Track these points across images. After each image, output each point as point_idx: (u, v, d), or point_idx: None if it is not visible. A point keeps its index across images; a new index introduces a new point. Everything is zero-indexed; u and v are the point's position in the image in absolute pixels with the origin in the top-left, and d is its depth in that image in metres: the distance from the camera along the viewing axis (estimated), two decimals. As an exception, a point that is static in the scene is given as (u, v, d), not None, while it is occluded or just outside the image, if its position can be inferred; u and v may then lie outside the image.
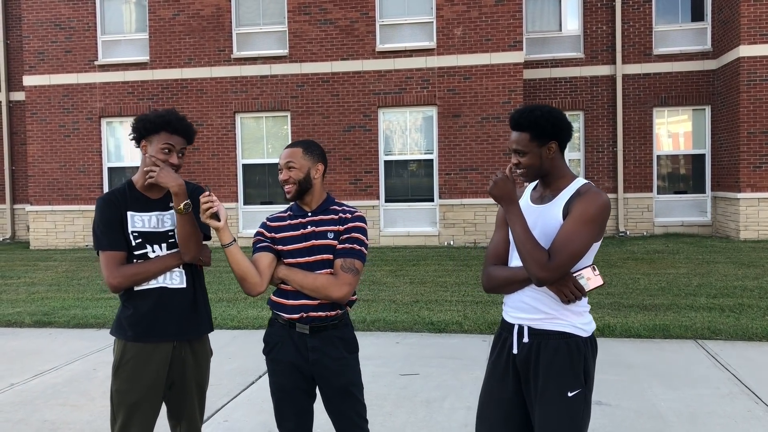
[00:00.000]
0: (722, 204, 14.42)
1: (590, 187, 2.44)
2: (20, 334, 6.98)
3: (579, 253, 2.34)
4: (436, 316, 7.16)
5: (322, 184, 2.88)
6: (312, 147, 2.85)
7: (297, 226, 2.82)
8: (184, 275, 2.83)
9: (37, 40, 15.43)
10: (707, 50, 14.86)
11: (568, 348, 2.41)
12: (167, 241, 2.82)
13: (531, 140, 2.46)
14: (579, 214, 2.35)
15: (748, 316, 6.83)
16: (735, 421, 4.19)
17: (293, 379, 2.78)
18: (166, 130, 2.76)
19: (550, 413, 2.38)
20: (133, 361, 2.77)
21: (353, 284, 2.71)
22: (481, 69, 13.92)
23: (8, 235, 17.39)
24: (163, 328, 2.78)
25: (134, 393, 2.75)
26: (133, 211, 2.81)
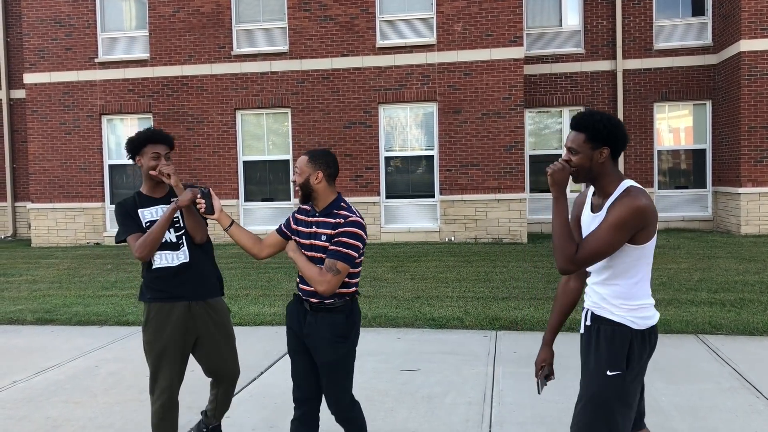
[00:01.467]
0: (723, 199, 14.42)
1: (630, 191, 2.55)
2: (22, 332, 6.99)
3: (602, 252, 2.52)
4: (437, 311, 7.17)
5: (329, 189, 3.19)
6: (317, 156, 3.19)
7: (308, 224, 3.23)
8: (187, 252, 3.56)
9: (37, 38, 15.42)
10: (708, 45, 14.84)
11: (614, 334, 2.62)
12: (174, 225, 3.57)
13: (585, 141, 2.61)
14: (611, 216, 2.52)
15: (749, 310, 6.84)
16: (736, 416, 4.20)
17: (295, 345, 3.28)
18: (150, 142, 3.52)
19: (588, 385, 2.63)
20: (156, 317, 3.50)
21: (332, 282, 3.06)
22: (482, 65, 13.90)
23: (10, 233, 17.41)
24: (176, 291, 3.51)
25: (159, 342, 3.47)
26: (142, 208, 3.58)
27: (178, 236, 3.59)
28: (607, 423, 2.57)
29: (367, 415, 4.34)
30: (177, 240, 3.58)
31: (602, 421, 2.58)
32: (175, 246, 3.56)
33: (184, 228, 3.59)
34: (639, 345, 2.62)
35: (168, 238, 3.56)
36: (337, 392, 3.17)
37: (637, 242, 2.56)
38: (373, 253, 12.40)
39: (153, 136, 3.53)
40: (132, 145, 3.52)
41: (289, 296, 8.26)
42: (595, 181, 2.66)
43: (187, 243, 3.57)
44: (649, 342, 2.64)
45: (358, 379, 5.09)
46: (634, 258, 2.59)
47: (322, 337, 3.13)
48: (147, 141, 3.50)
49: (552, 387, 4.77)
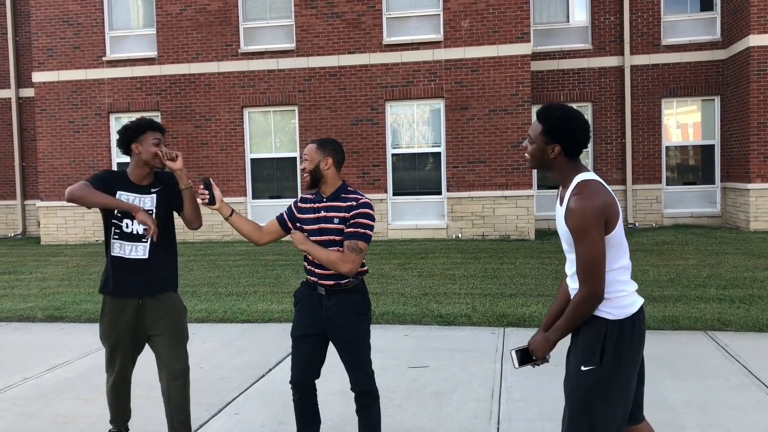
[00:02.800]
0: (732, 195, 14.35)
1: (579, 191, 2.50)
2: (32, 329, 7.04)
3: (600, 259, 2.48)
4: (444, 308, 7.17)
5: (337, 175, 3.36)
6: (325, 143, 3.36)
7: (316, 210, 3.35)
8: (148, 249, 3.59)
9: (45, 37, 15.49)
10: (716, 40, 14.75)
11: (587, 328, 2.59)
12: None
13: (541, 133, 2.61)
14: (575, 232, 2.49)
15: (759, 307, 6.81)
16: (745, 412, 4.19)
17: (307, 329, 3.38)
18: (150, 129, 3.57)
19: (566, 382, 2.64)
20: (110, 312, 3.63)
21: (356, 261, 3.23)
22: (489, 61, 13.87)
23: (19, 231, 17.51)
24: (128, 288, 3.58)
25: (112, 336, 3.63)
26: (121, 190, 3.60)
27: (145, 229, 3.56)
28: (587, 420, 2.51)
29: (375, 411, 4.35)
30: (143, 233, 3.58)
31: (582, 418, 2.52)
32: (138, 238, 3.57)
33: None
34: (617, 336, 2.52)
35: (133, 229, 3.58)
36: (362, 364, 3.34)
37: None
38: (381, 250, 12.41)
39: (152, 124, 3.59)
40: (131, 131, 3.54)
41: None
42: (551, 172, 2.67)
43: (151, 239, 3.56)
44: (631, 331, 2.55)
45: (366, 376, 5.10)
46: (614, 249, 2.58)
47: (347, 317, 3.30)
48: (148, 127, 3.56)
49: (561, 383, 4.77)
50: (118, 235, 3.59)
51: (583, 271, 2.50)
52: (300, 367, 3.39)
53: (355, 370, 3.35)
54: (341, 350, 3.36)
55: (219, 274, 9.99)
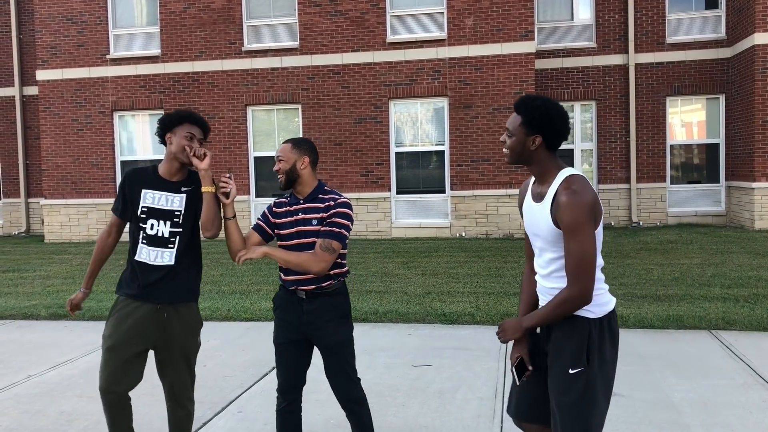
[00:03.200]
0: (736, 194, 14.30)
1: (569, 185, 2.45)
2: (36, 327, 7.05)
3: (592, 258, 2.42)
4: (448, 307, 7.16)
5: (313, 175, 3.25)
6: (300, 142, 3.26)
7: (291, 213, 3.23)
8: (175, 254, 3.27)
9: (49, 35, 15.51)
10: (721, 38, 14.70)
11: (572, 329, 2.52)
12: (171, 219, 3.28)
13: (521, 125, 2.56)
14: (566, 227, 2.42)
15: (763, 306, 6.78)
16: (749, 412, 4.17)
17: (288, 335, 3.25)
18: (188, 122, 3.28)
19: (555, 389, 2.53)
20: (120, 312, 3.27)
21: (329, 261, 3.10)
22: (493, 59, 13.85)
23: (23, 229, 17.55)
24: (146, 291, 3.24)
25: (113, 338, 3.22)
26: (147, 189, 3.30)
27: (172, 232, 3.28)
28: (581, 424, 2.48)
29: (378, 410, 4.35)
30: (170, 236, 3.27)
31: (576, 423, 2.48)
32: (164, 242, 3.26)
33: (181, 226, 3.29)
34: (598, 335, 2.51)
35: (159, 231, 3.26)
36: (347, 370, 3.23)
37: None
38: (384, 248, 12.41)
39: (192, 116, 3.30)
40: (168, 120, 3.28)
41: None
42: (532, 166, 2.59)
43: (179, 243, 3.28)
44: (609, 329, 2.54)
45: (369, 375, 5.10)
46: None
47: (328, 320, 3.19)
48: (185, 119, 3.27)
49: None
50: (145, 240, 3.26)
51: (575, 269, 2.41)
52: (285, 373, 3.27)
53: (339, 376, 3.22)
54: (325, 356, 3.23)
55: (222, 272, 10.00)
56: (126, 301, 3.27)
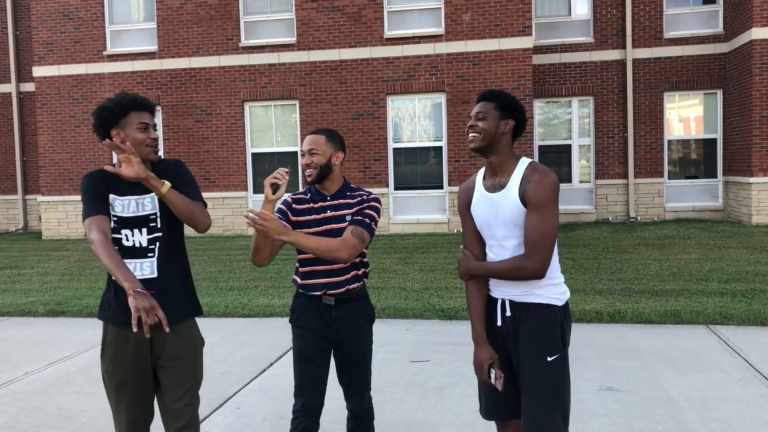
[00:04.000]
0: (734, 188, 14.32)
1: (536, 167, 2.56)
2: (34, 324, 7.05)
3: (553, 234, 2.51)
4: (446, 303, 7.16)
5: (341, 172, 3.06)
6: (334, 135, 3.03)
7: (318, 210, 2.99)
8: (155, 265, 2.76)
9: (45, 31, 15.46)
10: (719, 33, 14.69)
11: (546, 317, 2.58)
12: (148, 225, 2.77)
13: (495, 109, 2.63)
14: (534, 202, 2.51)
15: (760, 301, 6.80)
16: (747, 406, 4.18)
17: (315, 346, 2.98)
18: (134, 110, 2.73)
19: (533, 377, 2.54)
20: (113, 343, 2.77)
21: (358, 249, 2.84)
22: (490, 55, 13.83)
23: (20, 226, 17.52)
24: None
25: (118, 374, 2.76)
26: (114, 194, 2.76)
27: (151, 239, 2.77)
28: (559, 408, 2.53)
29: (376, 405, 4.35)
30: (148, 244, 2.77)
31: (556, 409, 2.52)
32: (143, 252, 2.76)
33: (160, 230, 2.78)
34: (565, 321, 2.61)
35: (136, 241, 2.75)
36: (368, 378, 3.08)
37: None
38: (382, 244, 12.40)
39: (137, 100, 2.74)
40: (109, 113, 2.70)
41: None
42: (495, 154, 2.62)
43: (160, 251, 2.78)
44: (568, 315, 2.65)
45: (368, 370, 5.10)
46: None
47: (359, 327, 3.01)
48: (130, 107, 2.72)
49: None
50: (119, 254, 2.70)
51: (536, 241, 2.48)
52: (313, 389, 2.95)
53: (359, 386, 3.04)
54: (349, 364, 3.02)
55: (220, 268, 9.99)
56: (114, 331, 2.77)
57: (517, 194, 2.54)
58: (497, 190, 2.62)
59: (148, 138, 2.73)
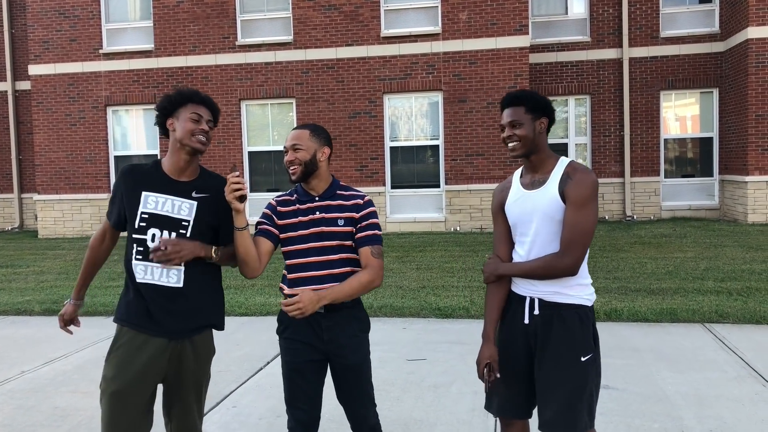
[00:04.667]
0: (730, 187, 14.35)
1: (577, 166, 2.59)
2: (30, 322, 7.03)
3: (590, 233, 2.53)
4: (442, 301, 7.17)
5: (328, 169, 2.88)
6: (319, 130, 2.86)
7: (306, 212, 2.82)
8: (183, 274, 2.68)
9: (41, 29, 15.42)
10: (715, 32, 14.72)
11: (579, 318, 2.59)
12: (178, 230, 2.69)
13: (526, 112, 2.62)
14: (575, 199, 2.52)
15: (756, 299, 6.82)
16: (742, 404, 4.19)
17: (306, 358, 2.81)
18: (192, 101, 2.72)
19: (565, 377, 2.55)
20: (125, 347, 2.66)
21: (382, 266, 2.81)
22: (487, 53, 13.84)
23: (16, 224, 17.48)
24: (156, 324, 2.66)
25: (119, 381, 2.62)
26: (149, 191, 2.69)
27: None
28: (587, 405, 2.56)
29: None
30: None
31: (583, 405, 2.54)
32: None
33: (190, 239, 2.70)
34: (593, 320, 2.65)
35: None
36: (369, 392, 2.87)
37: None
38: (379, 243, 12.39)
39: (196, 94, 2.75)
40: (168, 102, 2.73)
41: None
42: (535, 154, 2.64)
43: (188, 260, 2.68)
44: (595, 314, 2.69)
45: (364, 369, 5.10)
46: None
47: (352, 336, 2.83)
48: (189, 98, 2.72)
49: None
50: (141, 255, 2.67)
51: (574, 238, 2.49)
52: (307, 403, 2.80)
53: (361, 399, 2.84)
54: (346, 376, 2.83)
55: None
56: (130, 334, 2.66)
57: (557, 190, 2.56)
58: (536, 186, 2.64)
59: (197, 128, 2.69)
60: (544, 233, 2.59)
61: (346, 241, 2.80)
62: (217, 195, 2.75)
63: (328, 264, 2.79)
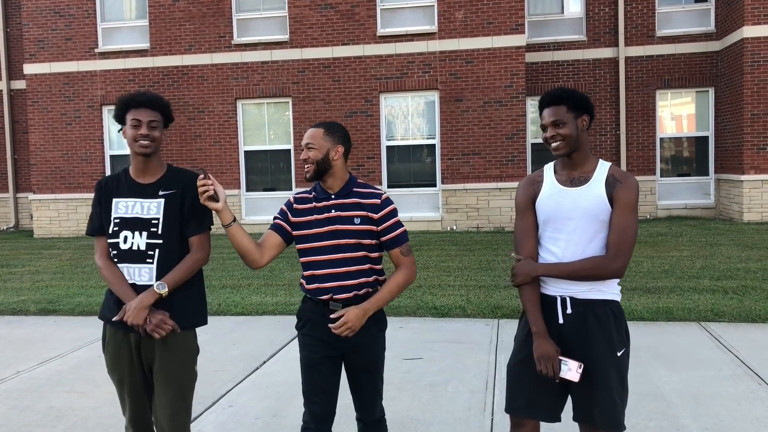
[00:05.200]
0: (726, 186, 14.38)
1: (622, 172, 2.62)
2: (25, 322, 7.01)
3: (635, 239, 2.56)
4: (439, 300, 7.17)
5: (345, 167, 2.87)
6: (334, 128, 2.86)
7: (321, 210, 2.83)
8: (154, 272, 2.77)
9: (36, 28, 15.37)
10: (711, 31, 14.75)
11: (613, 313, 2.62)
12: (149, 229, 2.78)
13: (568, 111, 2.62)
14: (625, 203, 2.55)
15: (752, 298, 6.83)
16: (738, 402, 4.20)
17: (323, 354, 2.84)
18: (131, 107, 2.79)
19: (606, 373, 2.57)
20: (111, 341, 2.87)
21: (414, 262, 2.87)
22: (483, 53, 13.84)
23: (12, 224, 17.43)
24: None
25: (116, 370, 2.86)
26: (119, 197, 2.83)
27: (150, 244, 2.78)
28: (621, 398, 2.60)
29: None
30: (147, 249, 2.77)
31: (618, 399, 2.59)
32: (141, 257, 2.77)
33: (161, 237, 2.78)
34: (625, 316, 2.68)
35: (134, 244, 2.77)
36: (380, 388, 2.92)
37: None
38: (375, 242, 12.39)
39: (135, 98, 2.78)
40: (116, 113, 2.85)
41: (291, 285, 8.25)
42: (577, 152, 2.63)
43: (159, 258, 2.77)
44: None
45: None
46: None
47: (369, 334, 2.83)
48: (128, 105, 2.78)
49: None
50: (116, 256, 2.81)
51: (622, 242, 2.51)
52: (324, 399, 2.84)
53: (372, 395, 2.88)
54: (360, 374, 2.87)
55: (213, 266, 9.96)
56: (110, 331, 2.87)
57: (603, 191, 2.57)
58: (577, 184, 2.63)
59: (137, 134, 2.75)
60: (585, 232, 2.58)
61: (364, 239, 2.80)
62: (183, 190, 2.83)
63: (345, 262, 2.80)
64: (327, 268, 2.81)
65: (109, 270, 2.82)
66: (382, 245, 2.85)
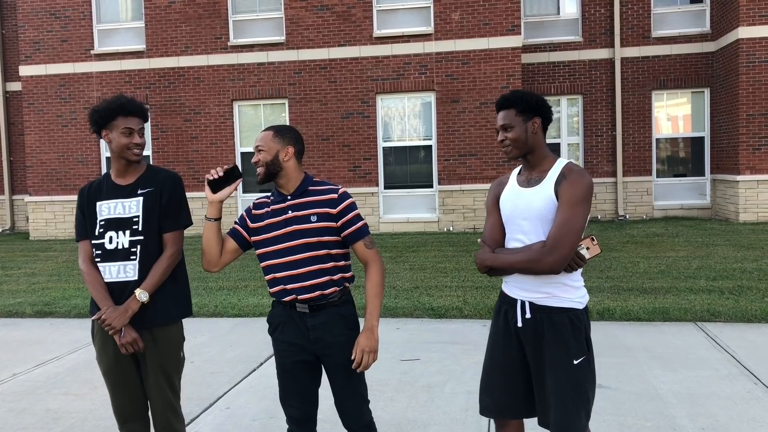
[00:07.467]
0: (721, 186, 14.42)
1: (573, 168, 2.60)
2: (21, 325, 6.99)
3: (579, 233, 2.52)
4: (436, 301, 7.17)
5: (298, 167, 2.85)
6: (283, 130, 2.86)
7: (278, 212, 2.82)
8: (137, 268, 2.86)
9: (32, 30, 15.34)
10: (706, 32, 14.79)
11: (570, 321, 2.59)
12: (131, 227, 2.87)
13: (516, 115, 2.66)
14: (569, 198, 2.52)
15: (748, 298, 6.85)
16: (734, 402, 4.21)
17: (295, 359, 2.83)
18: (121, 115, 2.85)
19: (560, 380, 2.56)
20: (99, 335, 2.94)
21: (378, 252, 2.86)
22: (480, 54, 13.86)
23: (8, 226, 17.39)
24: None
25: (103, 363, 2.94)
26: (101, 200, 2.93)
27: (133, 242, 2.86)
28: (584, 408, 2.57)
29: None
30: (130, 246, 2.86)
31: (581, 410, 2.55)
32: (125, 255, 2.85)
33: (142, 234, 2.87)
34: (588, 323, 2.64)
35: (119, 243, 2.86)
36: (361, 391, 2.86)
37: None
38: (372, 243, 12.39)
39: (125, 105, 2.85)
40: (98, 117, 2.86)
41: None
42: (531, 154, 2.66)
43: (141, 254, 2.86)
44: (588, 315, 2.68)
45: (358, 369, 5.09)
46: None
47: (339, 335, 2.79)
48: (117, 112, 2.84)
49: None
50: (101, 257, 2.88)
51: (558, 237, 2.47)
52: (298, 402, 2.84)
53: (354, 399, 2.83)
54: (336, 377, 2.82)
55: (210, 268, 9.94)
56: (98, 325, 2.93)
57: (552, 190, 2.57)
58: (532, 184, 2.65)
59: (131, 142, 2.87)
60: (537, 232, 2.59)
61: (323, 236, 2.76)
62: (160, 188, 2.92)
63: (305, 261, 2.77)
64: (287, 270, 2.79)
65: (90, 276, 2.90)
66: (345, 240, 2.81)
